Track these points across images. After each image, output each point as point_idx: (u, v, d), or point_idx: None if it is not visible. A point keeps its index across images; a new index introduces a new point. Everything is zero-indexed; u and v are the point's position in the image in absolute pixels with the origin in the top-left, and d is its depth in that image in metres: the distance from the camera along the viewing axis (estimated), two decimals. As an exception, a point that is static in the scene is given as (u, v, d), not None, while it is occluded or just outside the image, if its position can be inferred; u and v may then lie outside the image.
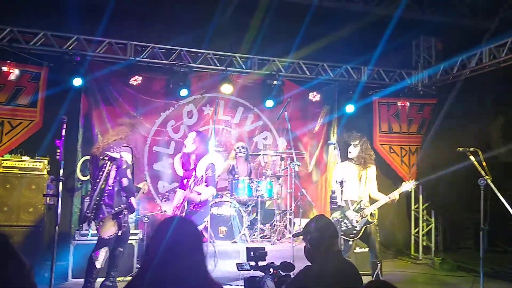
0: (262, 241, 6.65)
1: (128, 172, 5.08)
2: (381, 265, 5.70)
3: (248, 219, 6.69)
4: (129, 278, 6.12)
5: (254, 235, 6.70)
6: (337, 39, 7.75)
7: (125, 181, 5.00)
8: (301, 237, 3.87)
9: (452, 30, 7.99)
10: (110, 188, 5.00)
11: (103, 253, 5.05)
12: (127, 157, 5.10)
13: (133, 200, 5.10)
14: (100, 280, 5.25)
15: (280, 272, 3.26)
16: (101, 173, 5.02)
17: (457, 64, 7.82)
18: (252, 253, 3.39)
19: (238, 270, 3.03)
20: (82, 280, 5.70)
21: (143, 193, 5.85)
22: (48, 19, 7.13)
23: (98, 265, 5.02)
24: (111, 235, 5.07)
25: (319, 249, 3.05)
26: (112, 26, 7.24)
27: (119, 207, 5.00)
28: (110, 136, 5.29)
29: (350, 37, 7.84)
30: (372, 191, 5.98)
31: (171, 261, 1.98)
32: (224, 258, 6.01)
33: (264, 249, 3.45)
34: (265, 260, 3.36)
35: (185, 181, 5.69)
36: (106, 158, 5.02)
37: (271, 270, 3.24)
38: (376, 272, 5.64)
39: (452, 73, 7.97)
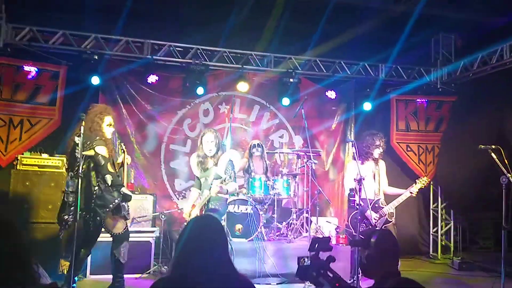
0: (278, 239, 6.63)
1: (109, 166, 4.92)
2: None
3: (264, 217, 6.68)
4: (146, 275, 6.20)
5: (270, 233, 6.68)
6: (355, 36, 7.66)
7: (108, 178, 4.87)
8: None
9: (472, 26, 7.85)
10: (96, 188, 4.88)
11: (124, 249, 5.06)
12: (102, 151, 4.89)
13: (124, 189, 4.97)
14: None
15: None
16: (76, 173, 4.81)
17: (477, 61, 7.67)
18: (316, 245, 2.95)
19: (298, 264, 2.77)
20: (100, 276, 5.80)
21: (127, 164, 5.44)
22: (67, 19, 7.21)
23: (122, 260, 5.06)
24: (124, 229, 5.08)
25: (376, 267, 2.80)
26: (129, 25, 7.28)
27: (114, 203, 4.91)
28: (76, 132, 4.98)
29: (367, 34, 7.74)
30: (384, 187, 5.92)
31: (197, 256, 2.09)
32: (240, 256, 6.01)
33: (329, 239, 3.00)
34: (329, 251, 2.77)
35: (202, 179, 5.71)
36: (81, 157, 4.80)
37: (334, 280, 2.63)
38: None
39: (472, 69, 7.83)
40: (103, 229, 5.11)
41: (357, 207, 5.36)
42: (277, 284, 6.01)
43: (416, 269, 7.62)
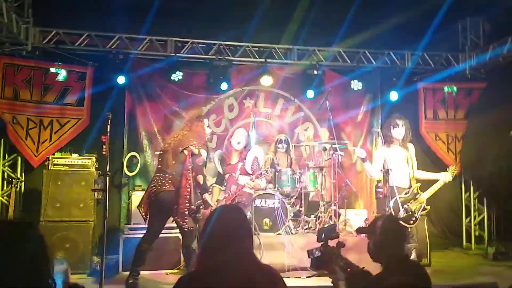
0: (307, 232, 6.60)
1: (204, 169, 5.19)
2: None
3: (291, 211, 6.65)
4: (177, 271, 6.26)
5: (298, 226, 6.66)
6: (380, 26, 7.51)
7: (200, 178, 5.11)
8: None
9: (500, 9, 7.59)
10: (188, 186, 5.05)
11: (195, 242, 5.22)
12: (204, 154, 5.16)
13: (207, 196, 5.25)
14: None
15: (355, 276, 2.79)
16: (189, 167, 5.02)
17: (507, 45, 7.42)
18: (323, 235, 2.97)
19: (309, 257, 2.86)
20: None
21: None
22: (92, 20, 7.33)
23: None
24: (193, 226, 5.20)
25: (383, 253, 2.85)
26: (153, 23, 7.35)
27: (197, 203, 5.07)
28: (182, 131, 5.35)
29: (393, 22, 7.59)
30: (414, 171, 5.78)
31: (222, 247, 2.06)
32: (269, 250, 6.01)
33: (335, 227, 3.06)
34: (336, 238, 2.97)
35: (227, 176, 5.77)
36: (186, 152, 5.04)
37: (345, 266, 2.77)
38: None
39: (502, 54, 7.57)
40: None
41: (385, 198, 5.28)
42: (306, 277, 5.99)
43: (449, 260, 7.48)
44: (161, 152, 5.42)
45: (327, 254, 2.79)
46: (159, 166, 5.31)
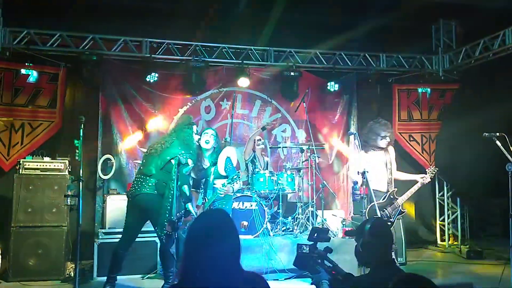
0: (284, 234, 6.59)
1: (190, 179, 5.07)
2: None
3: (269, 213, 6.64)
4: (153, 275, 6.17)
5: (276, 228, 6.65)
6: (356, 28, 7.58)
7: (187, 189, 4.97)
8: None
9: (472, 12, 7.75)
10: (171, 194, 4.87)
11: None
12: (191, 164, 5.04)
13: (190, 206, 5.05)
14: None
15: (339, 277, 2.86)
16: (174, 177, 4.80)
17: (479, 47, 7.58)
18: (315, 234, 3.00)
19: (297, 251, 2.82)
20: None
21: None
22: (64, 20, 7.16)
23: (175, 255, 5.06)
24: (171, 231, 5.06)
25: (370, 255, 2.87)
26: (128, 24, 7.24)
27: (179, 213, 4.88)
28: (170, 137, 5.18)
29: (368, 25, 7.67)
30: (393, 172, 5.82)
31: (200, 249, 1.98)
32: (247, 252, 5.98)
33: (328, 231, 3.09)
34: (327, 241, 3.01)
35: (203, 180, 5.70)
36: (174, 161, 4.87)
37: (331, 268, 2.84)
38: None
39: (474, 56, 7.73)
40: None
41: (361, 199, 5.31)
42: (284, 279, 5.98)
43: (424, 259, 7.59)
44: (146, 154, 5.28)
45: (315, 254, 2.79)
46: (141, 168, 5.18)
